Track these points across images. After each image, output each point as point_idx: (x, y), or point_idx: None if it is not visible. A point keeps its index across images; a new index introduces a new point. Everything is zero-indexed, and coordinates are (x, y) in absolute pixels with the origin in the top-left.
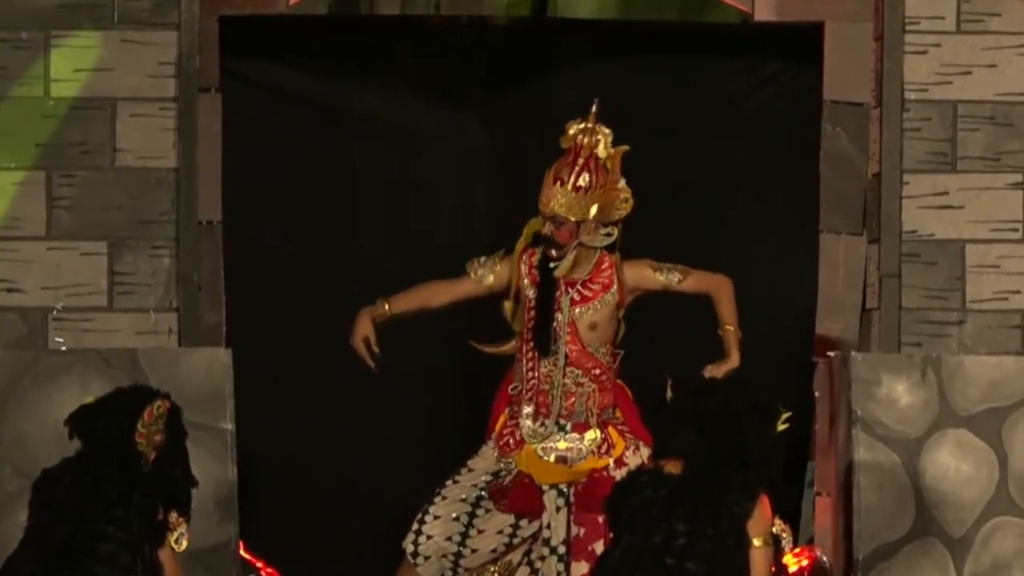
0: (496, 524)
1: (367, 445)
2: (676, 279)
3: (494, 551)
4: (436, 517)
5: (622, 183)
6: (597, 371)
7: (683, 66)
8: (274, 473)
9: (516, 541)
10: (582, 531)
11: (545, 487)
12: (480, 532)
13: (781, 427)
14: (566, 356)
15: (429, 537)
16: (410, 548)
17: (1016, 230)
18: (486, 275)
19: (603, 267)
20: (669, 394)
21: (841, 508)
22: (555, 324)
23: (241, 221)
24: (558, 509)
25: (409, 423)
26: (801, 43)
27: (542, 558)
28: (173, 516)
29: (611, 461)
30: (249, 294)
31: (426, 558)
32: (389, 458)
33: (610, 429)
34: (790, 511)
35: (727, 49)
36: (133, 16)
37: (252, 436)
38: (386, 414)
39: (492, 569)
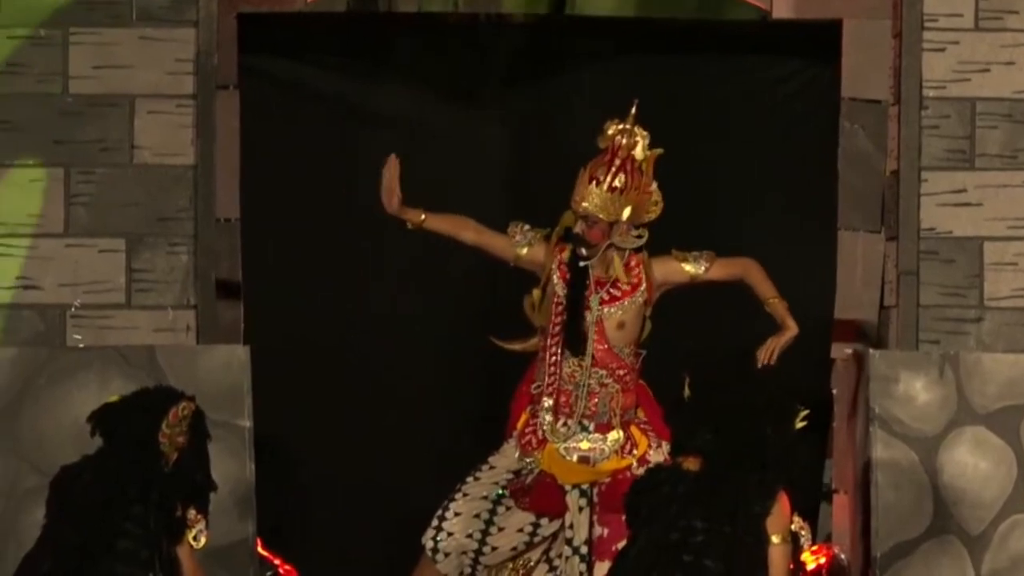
0: (516, 522)
1: (385, 442)
2: (703, 268)
3: (514, 549)
4: (457, 514)
5: (654, 186)
6: (621, 371)
7: (701, 64)
8: (292, 470)
9: (536, 540)
10: (606, 531)
11: (568, 487)
12: (500, 530)
13: (799, 425)
14: (592, 356)
15: (450, 534)
16: (430, 544)
17: None
18: (522, 244)
19: (631, 266)
20: (687, 392)
21: (859, 506)
22: (584, 323)
23: (259, 218)
24: (580, 509)
25: (427, 421)
26: (819, 41)
27: (564, 557)
28: (192, 513)
29: (634, 460)
30: (267, 291)
31: (446, 555)
32: (407, 455)
33: (632, 428)
34: (808, 509)
35: (745, 47)
36: (151, 13)
37: (270, 433)
38: (404, 412)
39: (510, 567)
